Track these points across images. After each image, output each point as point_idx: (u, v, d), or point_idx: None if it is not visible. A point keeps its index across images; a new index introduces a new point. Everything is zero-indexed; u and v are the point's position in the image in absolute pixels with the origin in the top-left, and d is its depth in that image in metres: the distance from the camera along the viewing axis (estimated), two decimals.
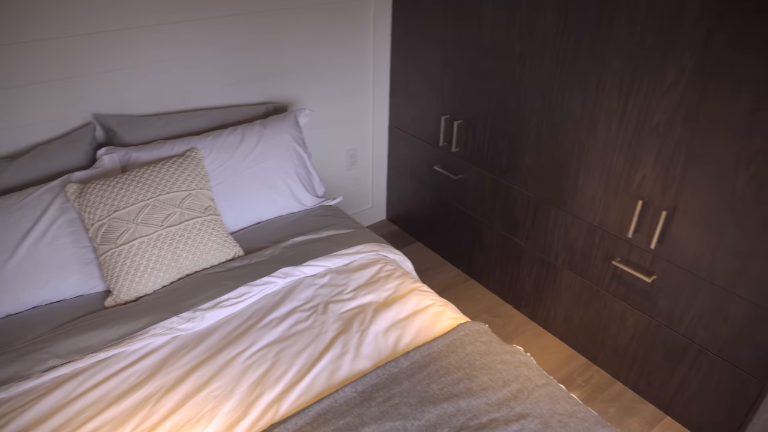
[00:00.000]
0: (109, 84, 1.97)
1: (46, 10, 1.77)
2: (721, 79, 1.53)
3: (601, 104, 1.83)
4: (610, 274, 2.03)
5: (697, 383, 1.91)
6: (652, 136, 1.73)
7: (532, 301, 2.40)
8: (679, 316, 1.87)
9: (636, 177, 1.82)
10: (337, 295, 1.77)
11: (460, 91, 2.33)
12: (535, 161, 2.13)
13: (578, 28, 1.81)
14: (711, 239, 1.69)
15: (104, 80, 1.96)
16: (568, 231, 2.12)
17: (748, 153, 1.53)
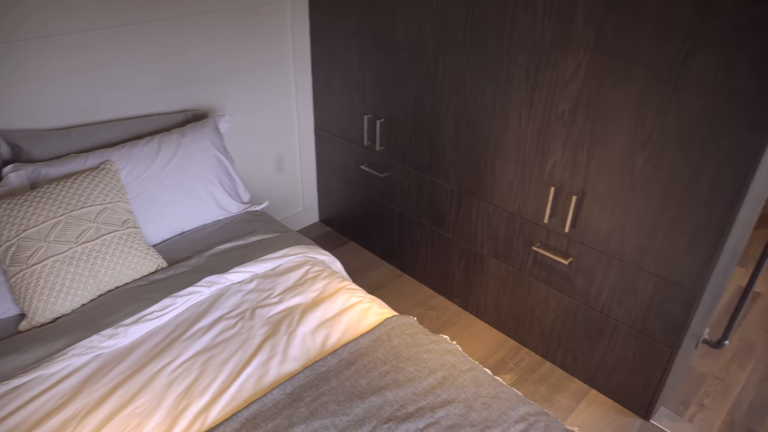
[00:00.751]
0: (14, 97, 1.89)
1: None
2: (612, 70, 1.63)
3: (511, 96, 1.91)
4: (532, 259, 2.11)
5: (616, 356, 2.02)
6: (559, 124, 1.82)
7: (463, 291, 2.47)
8: (595, 294, 1.97)
9: (547, 164, 1.91)
10: (264, 300, 1.76)
11: (380, 89, 2.36)
12: (455, 155, 2.19)
13: (485, 25, 1.88)
14: (618, 219, 1.80)
15: (8, 93, 1.87)
16: (490, 221, 2.19)
17: (642, 135, 1.64)
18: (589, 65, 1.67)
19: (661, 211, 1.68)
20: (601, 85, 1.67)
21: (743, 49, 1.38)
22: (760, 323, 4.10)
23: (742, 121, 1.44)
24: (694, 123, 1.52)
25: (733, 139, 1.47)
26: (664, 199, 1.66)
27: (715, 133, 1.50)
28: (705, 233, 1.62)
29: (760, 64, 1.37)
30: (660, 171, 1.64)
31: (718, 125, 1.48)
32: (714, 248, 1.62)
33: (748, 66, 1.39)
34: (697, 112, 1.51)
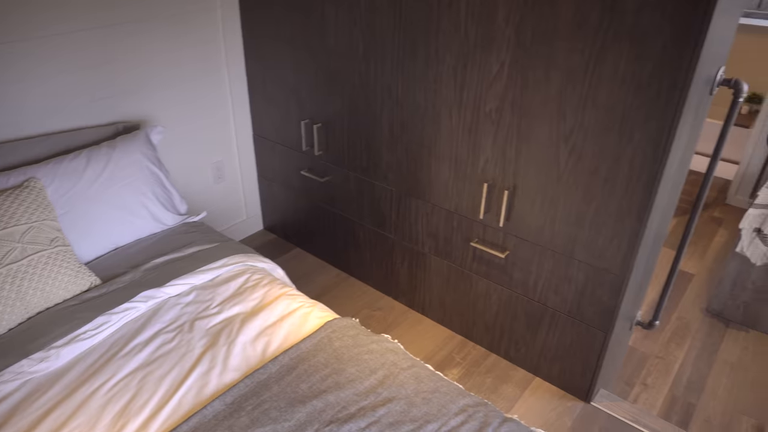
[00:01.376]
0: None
1: None
2: (534, 68, 1.69)
3: (441, 96, 1.95)
4: (471, 255, 2.16)
5: (555, 343, 2.09)
6: (487, 122, 1.87)
7: (409, 291, 2.50)
8: (532, 285, 2.04)
9: (479, 161, 1.96)
10: (204, 311, 1.74)
11: (315, 94, 2.37)
12: (392, 156, 2.22)
13: (412, 26, 1.92)
14: (547, 211, 1.87)
15: None
16: (429, 219, 2.23)
17: (564, 130, 1.71)
18: (512, 64, 1.73)
19: (586, 201, 1.76)
20: (524, 83, 1.73)
21: (647, 46, 1.46)
22: (695, 303, 4.32)
23: (651, 112, 1.52)
24: (610, 116, 1.60)
25: (644, 130, 1.56)
26: (587, 190, 1.74)
27: (628, 125, 1.58)
28: (626, 220, 1.70)
29: (662, 58, 1.45)
30: (582, 163, 1.71)
31: (630, 117, 1.56)
32: (636, 234, 1.70)
33: (653, 61, 1.47)
34: (611, 106, 1.59)
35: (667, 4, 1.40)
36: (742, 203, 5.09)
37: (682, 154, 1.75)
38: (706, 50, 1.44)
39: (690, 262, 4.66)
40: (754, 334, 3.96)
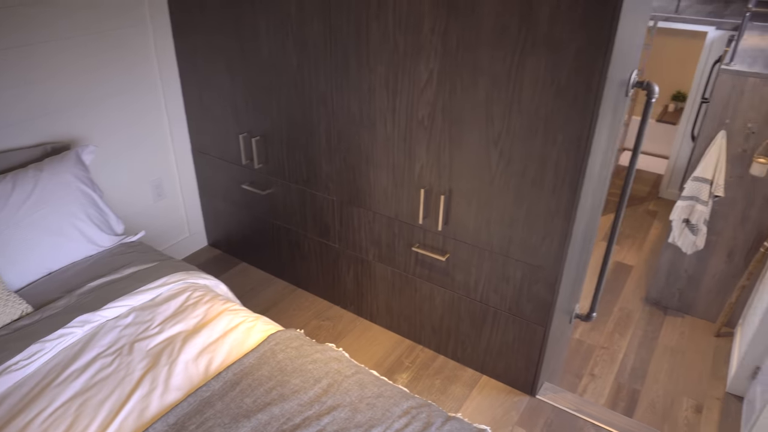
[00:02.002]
0: None
1: None
2: (461, 75, 1.75)
3: (375, 105, 1.99)
4: (413, 259, 2.21)
5: (499, 341, 2.16)
6: (420, 129, 1.92)
7: (356, 299, 2.52)
8: (473, 285, 2.10)
9: (415, 168, 2.01)
10: (143, 332, 1.71)
11: (252, 107, 2.37)
12: (331, 166, 2.24)
13: (343, 38, 1.95)
14: (483, 214, 1.93)
15: None
16: (371, 227, 2.26)
17: (493, 134, 1.77)
18: (440, 72, 1.79)
19: (518, 202, 1.83)
20: (452, 90, 1.79)
21: (561, 53, 1.54)
22: (635, 293, 4.51)
23: (571, 115, 1.60)
24: (534, 120, 1.68)
25: (565, 132, 1.64)
26: (518, 191, 1.81)
27: (551, 128, 1.66)
28: (555, 219, 1.78)
29: (576, 64, 1.53)
30: (512, 166, 1.78)
31: (552, 121, 1.64)
32: (565, 232, 1.78)
33: (568, 67, 1.55)
34: (535, 110, 1.66)
35: (576, 14, 1.48)
36: (674, 196, 5.36)
37: (604, 152, 1.85)
38: (616, 56, 1.53)
39: (629, 255, 4.87)
40: (689, 319, 4.17)
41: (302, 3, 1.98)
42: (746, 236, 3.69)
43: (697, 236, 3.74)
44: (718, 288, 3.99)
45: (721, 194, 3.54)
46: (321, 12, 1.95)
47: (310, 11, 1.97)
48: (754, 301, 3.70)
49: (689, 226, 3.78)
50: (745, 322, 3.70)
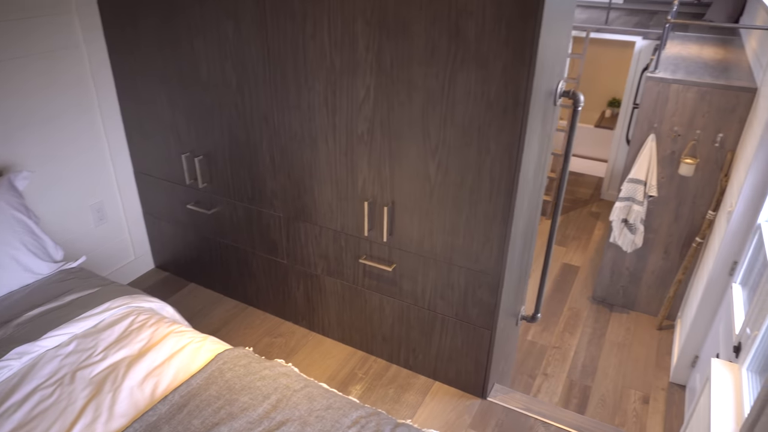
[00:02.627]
0: None
1: None
2: (397, 91, 1.81)
3: (315, 122, 2.02)
4: (361, 271, 2.24)
5: (449, 347, 2.21)
6: (361, 144, 1.97)
7: (308, 314, 2.53)
8: (421, 293, 2.15)
9: (358, 181, 2.05)
10: (86, 360, 1.67)
11: (193, 127, 2.36)
12: (275, 183, 2.26)
13: (281, 57, 1.98)
14: (425, 223, 1.98)
15: None
16: (318, 241, 2.28)
17: (430, 146, 1.83)
18: (376, 88, 1.84)
19: (457, 211, 1.89)
20: (389, 105, 1.84)
21: (489, 69, 1.62)
22: (582, 292, 4.68)
23: (502, 127, 1.68)
24: (468, 132, 1.75)
25: (498, 143, 1.71)
26: (457, 200, 1.87)
27: (485, 139, 1.73)
28: (494, 225, 1.85)
29: (504, 79, 1.61)
30: (450, 177, 1.85)
31: (485, 132, 1.72)
32: (504, 237, 1.85)
33: (496, 81, 1.63)
34: (468, 123, 1.73)
35: (500, 33, 1.56)
36: (614, 197, 5.59)
37: (537, 159, 1.94)
38: (540, 69, 1.62)
39: (575, 256, 5.05)
40: (633, 314, 4.36)
41: (239, 25, 2.00)
42: (680, 233, 3.90)
43: (635, 235, 3.93)
44: (657, 283, 4.18)
45: (655, 194, 3.73)
46: (258, 34, 1.98)
47: (247, 34, 2.00)
48: (689, 294, 3.90)
49: (628, 226, 3.96)
50: (684, 314, 3.89)
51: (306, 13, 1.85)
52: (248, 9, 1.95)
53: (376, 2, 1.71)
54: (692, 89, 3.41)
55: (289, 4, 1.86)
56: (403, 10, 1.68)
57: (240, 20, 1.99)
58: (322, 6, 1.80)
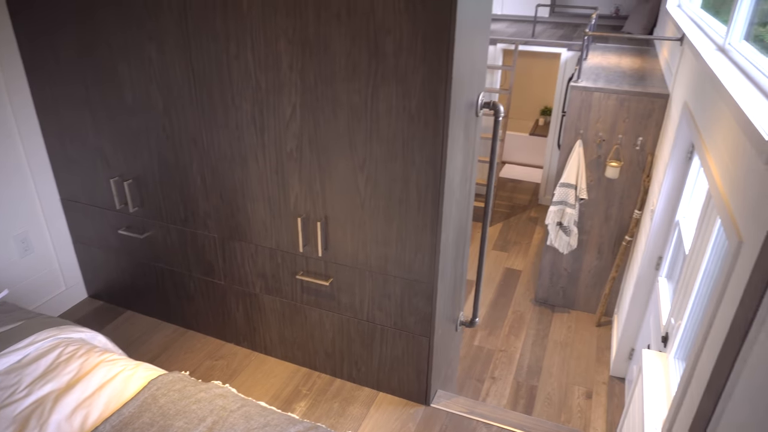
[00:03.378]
0: None
1: None
2: (322, 109, 1.84)
3: (245, 141, 2.03)
4: (299, 287, 2.25)
5: (390, 357, 2.24)
6: (291, 161, 1.99)
7: (249, 334, 2.51)
8: (359, 306, 2.17)
9: (290, 198, 2.06)
10: (9, 398, 1.61)
11: (121, 151, 2.32)
12: (208, 204, 2.24)
13: (207, 79, 1.98)
14: (358, 236, 2.02)
15: None
16: (255, 260, 2.28)
17: (358, 160, 1.87)
18: (302, 105, 1.87)
19: (388, 222, 1.93)
20: (315, 122, 1.88)
21: (409, 84, 1.68)
22: (525, 295, 4.82)
23: (424, 139, 1.74)
24: (393, 146, 1.80)
25: (422, 155, 1.77)
26: (387, 212, 1.92)
27: (409, 152, 1.78)
28: (423, 235, 1.90)
29: (423, 93, 1.67)
30: (379, 189, 1.89)
31: (409, 145, 1.77)
32: (434, 245, 1.91)
33: (416, 96, 1.69)
34: (392, 137, 1.78)
35: (417, 50, 1.63)
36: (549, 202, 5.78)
37: (463, 169, 2.01)
38: (458, 83, 1.69)
39: (516, 260, 5.20)
40: (574, 313, 4.52)
41: (162, 48, 1.99)
42: (610, 233, 4.09)
43: (570, 237, 4.09)
44: (594, 282, 4.36)
45: (585, 197, 3.91)
46: (182, 55, 1.97)
47: (171, 56, 1.99)
48: (623, 290, 4.09)
49: (562, 229, 4.12)
50: (620, 309, 4.08)
51: (229, 34, 1.86)
52: (170, 31, 1.95)
53: (297, 21, 1.75)
54: (612, 97, 3.61)
55: (210, 25, 1.87)
56: (324, 29, 1.72)
57: (163, 42, 1.98)
58: (244, 26, 1.83)
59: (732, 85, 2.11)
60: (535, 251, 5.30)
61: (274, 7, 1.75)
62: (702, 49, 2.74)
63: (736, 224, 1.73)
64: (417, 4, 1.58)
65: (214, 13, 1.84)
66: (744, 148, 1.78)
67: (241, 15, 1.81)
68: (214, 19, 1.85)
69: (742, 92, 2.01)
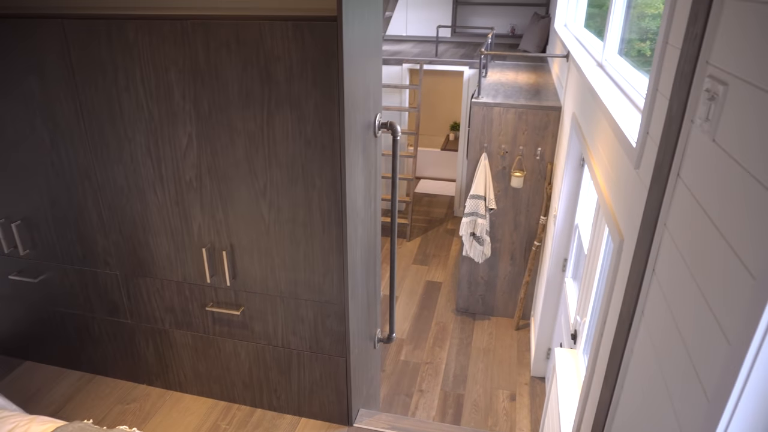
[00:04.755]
0: None
1: None
2: (219, 137, 1.83)
3: (141, 173, 1.97)
4: (210, 319, 2.19)
5: (309, 381, 2.22)
6: (191, 191, 1.95)
7: (161, 372, 2.41)
8: (273, 332, 2.15)
9: (193, 229, 2.02)
10: None
11: (5, 191, 2.18)
12: (107, 241, 2.15)
13: (96, 112, 1.91)
14: (266, 262, 2.00)
15: None
16: (162, 295, 2.20)
17: (259, 187, 1.87)
18: (198, 135, 1.85)
19: (295, 246, 1.94)
20: (213, 150, 1.86)
21: (302, 109, 1.71)
22: (446, 306, 4.93)
23: (323, 162, 1.77)
24: (293, 170, 1.81)
25: (322, 178, 1.79)
26: (293, 236, 1.92)
27: (309, 176, 1.80)
28: (331, 256, 1.92)
29: (317, 118, 1.71)
30: (282, 214, 1.89)
31: (309, 169, 1.79)
32: (342, 266, 1.93)
33: (311, 120, 1.72)
34: (291, 162, 1.80)
35: (308, 76, 1.66)
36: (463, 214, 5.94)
37: (365, 189, 2.05)
38: (351, 106, 1.74)
39: (437, 273, 5.33)
40: (494, 319, 4.68)
41: (44, 80, 1.91)
42: (520, 239, 4.29)
43: (483, 246, 4.24)
44: (509, 288, 4.54)
45: (494, 207, 4.09)
46: (66, 88, 1.90)
47: (55, 88, 1.91)
48: (537, 293, 4.29)
49: (476, 239, 4.27)
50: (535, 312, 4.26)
51: (116, 66, 1.82)
52: (52, 63, 1.87)
53: (186, 51, 1.73)
54: (511, 111, 3.81)
55: (95, 57, 1.82)
56: (214, 58, 1.72)
57: (45, 75, 1.90)
58: (132, 57, 1.79)
59: (607, 97, 2.30)
60: (454, 262, 5.45)
61: (162, 37, 1.73)
62: (583, 64, 2.97)
63: (618, 224, 1.88)
64: (305, 33, 1.61)
65: (98, 43, 1.79)
66: (619, 154, 1.95)
67: (128, 45, 1.77)
68: (99, 50, 1.80)
69: (615, 103, 2.20)
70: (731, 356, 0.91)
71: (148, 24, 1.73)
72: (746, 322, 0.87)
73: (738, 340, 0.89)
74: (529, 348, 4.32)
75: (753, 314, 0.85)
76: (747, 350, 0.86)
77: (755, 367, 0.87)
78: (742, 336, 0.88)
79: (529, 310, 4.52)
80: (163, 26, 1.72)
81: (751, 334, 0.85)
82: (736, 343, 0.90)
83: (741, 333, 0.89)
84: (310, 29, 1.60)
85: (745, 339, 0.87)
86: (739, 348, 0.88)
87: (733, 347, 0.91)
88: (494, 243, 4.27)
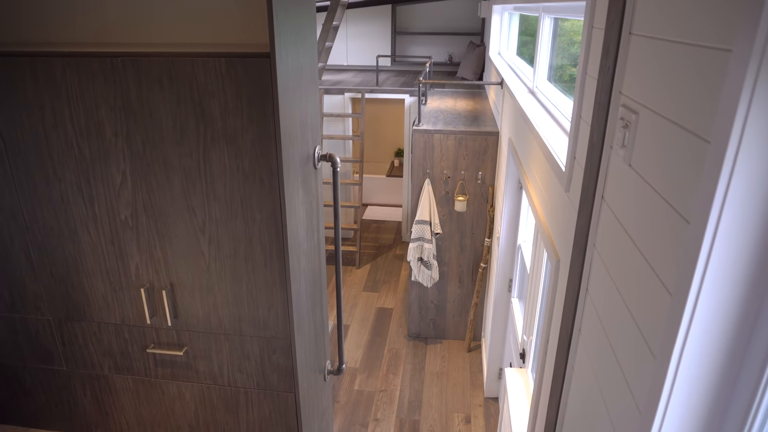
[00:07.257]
0: None
1: None
2: (155, 174, 1.79)
3: (72, 213, 1.90)
4: (152, 361, 2.11)
5: (258, 419, 2.17)
6: (126, 229, 1.89)
7: (101, 421, 2.29)
8: (218, 371, 2.09)
9: (130, 268, 1.96)
10: None
11: None
12: (37, 285, 2.05)
13: (21, 151, 1.84)
14: (208, 300, 1.96)
15: None
16: (99, 338, 2.11)
17: (198, 223, 1.84)
18: (132, 172, 1.80)
19: (237, 282, 1.91)
20: (149, 187, 1.82)
21: (239, 144, 1.70)
22: (398, 332, 4.93)
23: (262, 197, 1.76)
24: (232, 205, 1.79)
25: (262, 212, 1.78)
26: (234, 272, 1.89)
27: (249, 210, 1.79)
28: (274, 290, 1.90)
29: (254, 153, 1.70)
30: (223, 250, 1.86)
31: (248, 204, 1.78)
32: (286, 300, 1.91)
33: (248, 156, 1.71)
34: (230, 197, 1.78)
35: (243, 110, 1.66)
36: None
37: (307, 221, 2.05)
38: (288, 140, 1.74)
39: (387, 299, 5.34)
40: (446, 342, 4.71)
41: None
42: (467, 262, 4.36)
43: (431, 270, 4.29)
44: (459, 310, 4.60)
45: (440, 231, 4.15)
46: None
47: None
48: (486, 314, 4.36)
49: (423, 263, 4.31)
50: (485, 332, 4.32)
51: (43, 104, 1.76)
52: None
53: (117, 88, 1.70)
54: (451, 137, 3.91)
55: (21, 94, 1.76)
56: (147, 94, 1.69)
57: None
58: (59, 95, 1.74)
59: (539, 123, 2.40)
60: (404, 287, 5.48)
61: (91, 74, 1.70)
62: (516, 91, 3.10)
63: (554, 245, 1.94)
64: (238, 69, 1.62)
65: (23, 80, 1.74)
66: (551, 177, 2.03)
67: (55, 83, 1.73)
68: (24, 87, 1.75)
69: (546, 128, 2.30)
70: (657, 370, 0.95)
71: (76, 61, 1.69)
72: (667, 337, 0.92)
73: (661, 354, 0.94)
74: (482, 369, 4.36)
75: (671, 329, 0.90)
76: (668, 364, 0.90)
77: (677, 380, 0.91)
78: (664, 350, 0.93)
79: (480, 331, 4.58)
80: (92, 63, 1.68)
81: (671, 348, 0.90)
82: (660, 357, 0.94)
83: (663, 347, 0.93)
84: (243, 65, 1.61)
85: (666, 353, 0.92)
86: (663, 362, 0.93)
87: (657, 361, 0.95)
88: (442, 266, 4.33)
